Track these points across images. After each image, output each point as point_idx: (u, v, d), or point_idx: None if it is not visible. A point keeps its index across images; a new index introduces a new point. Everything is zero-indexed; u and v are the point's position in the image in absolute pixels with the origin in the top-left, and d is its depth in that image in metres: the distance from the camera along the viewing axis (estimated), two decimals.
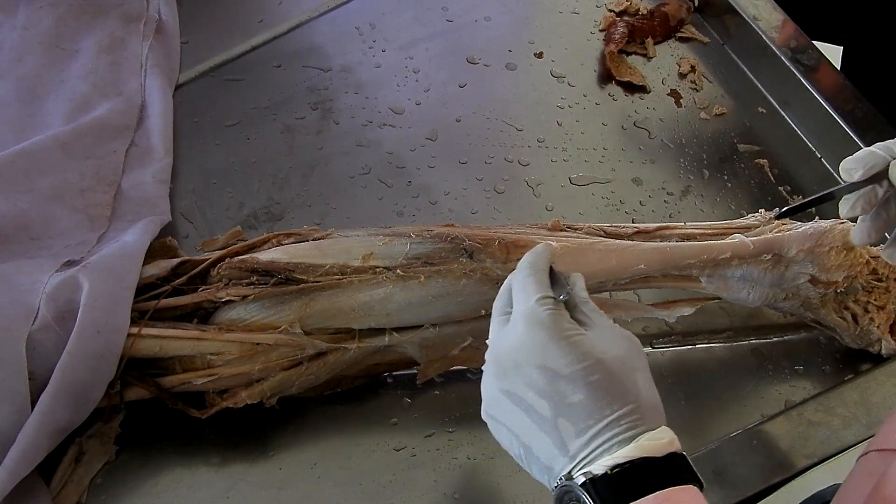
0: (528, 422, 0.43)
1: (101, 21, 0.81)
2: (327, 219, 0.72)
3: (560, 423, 0.41)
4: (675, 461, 0.40)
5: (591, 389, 0.41)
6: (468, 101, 0.83)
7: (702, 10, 0.94)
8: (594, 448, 0.40)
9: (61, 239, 0.65)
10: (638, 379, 0.43)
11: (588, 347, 0.43)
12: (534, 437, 0.42)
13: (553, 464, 0.42)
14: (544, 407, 0.42)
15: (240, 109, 0.79)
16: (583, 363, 0.42)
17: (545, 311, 0.44)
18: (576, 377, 0.41)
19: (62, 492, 0.54)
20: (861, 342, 0.68)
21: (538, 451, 0.42)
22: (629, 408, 0.41)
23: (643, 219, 0.76)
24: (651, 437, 0.40)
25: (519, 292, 0.47)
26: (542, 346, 0.43)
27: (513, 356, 0.44)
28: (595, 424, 0.40)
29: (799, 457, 0.59)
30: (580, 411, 0.41)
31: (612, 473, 0.39)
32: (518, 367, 0.43)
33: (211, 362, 0.56)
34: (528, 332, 0.44)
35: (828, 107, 0.82)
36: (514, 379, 0.43)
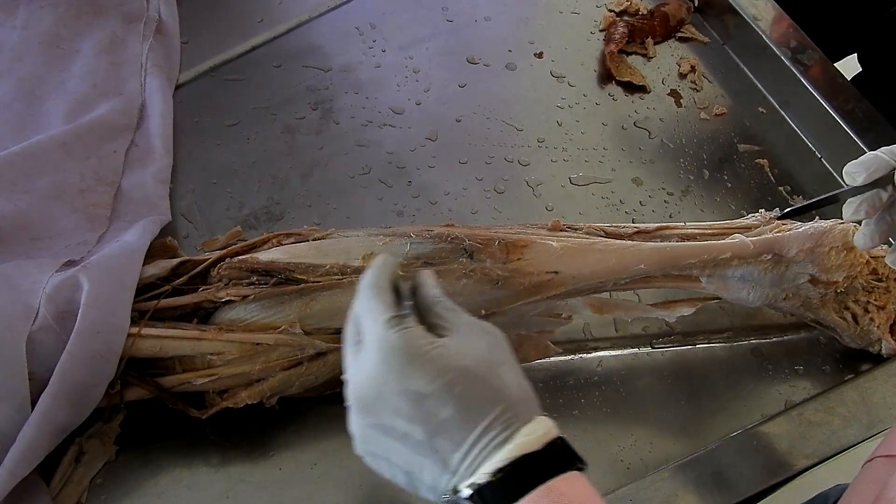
0: (404, 450, 0.41)
1: (101, 21, 0.81)
2: (327, 219, 0.72)
3: (436, 442, 0.40)
4: (554, 449, 0.40)
5: (458, 401, 0.40)
6: (468, 101, 0.83)
7: (702, 10, 0.94)
8: (474, 458, 0.40)
9: (61, 239, 0.65)
10: (504, 374, 0.42)
11: (447, 359, 0.41)
12: (414, 463, 0.41)
13: (438, 483, 0.41)
14: (417, 431, 0.40)
15: (240, 109, 0.79)
16: (445, 377, 0.40)
17: (395, 332, 0.42)
18: (441, 393, 0.40)
19: (62, 492, 0.54)
20: (861, 342, 0.68)
21: (421, 474, 0.41)
22: (500, 409, 0.40)
23: (643, 219, 0.76)
24: (526, 432, 0.40)
25: (365, 318, 0.44)
26: (399, 371, 0.41)
27: (372, 387, 0.42)
28: (469, 435, 0.40)
29: (799, 457, 0.59)
30: (453, 426, 0.40)
31: (495, 479, 0.38)
32: (381, 398, 0.41)
33: (211, 362, 0.56)
34: (383, 360, 0.42)
35: (828, 107, 0.82)
36: (379, 410, 0.42)
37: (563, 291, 0.60)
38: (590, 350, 0.67)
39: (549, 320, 0.63)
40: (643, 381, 0.66)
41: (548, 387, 0.65)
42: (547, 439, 0.40)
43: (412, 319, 0.44)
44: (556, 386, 0.65)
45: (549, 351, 0.63)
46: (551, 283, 0.59)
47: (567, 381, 0.65)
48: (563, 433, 0.41)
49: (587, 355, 0.67)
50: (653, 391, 0.66)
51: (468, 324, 0.45)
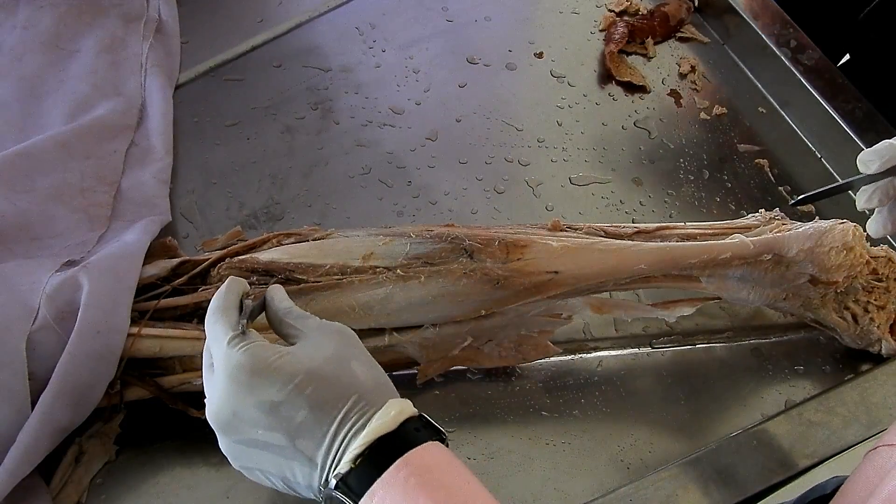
0: (272, 457, 0.43)
1: (101, 21, 0.81)
2: (327, 219, 0.72)
3: (298, 444, 0.42)
4: (408, 426, 0.42)
5: (310, 402, 0.42)
6: (468, 101, 0.83)
7: (702, 10, 0.94)
8: (336, 451, 0.41)
9: (61, 239, 0.65)
10: (354, 368, 0.44)
11: (293, 364, 0.43)
12: (285, 468, 0.43)
13: (311, 481, 0.42)
14: (279, 438, 0.42)
15: (240, 109, 0.79)
16: (293, 382, 0.42)
17: (239, 350, 0.43)
18: (292, 398, 0.42)
19: (62, 492, 0.54)
20: (861, 342, 0.68)
21: (294, 477, 0.43)
22: (352, 401, 0.42)
23: (643, 219, 0.76)
24: (379, 417, 0.41)
25: (212, 343, 0.46)
26: (247, 386, 0.42)
27: (227, 406, 0.43)
28: (327, 430, 0.41)
29: (799, 457, 0.59)
30: (310, 426, 0.42)
31: (356, 465, 0.40)
32: (236, 415, 0.43)
33: None
34: (231, 378, 0.43)
35: (828, 107, 0.82)
36: (239, 427, 0.43)
37: (563, 291, 0.60)
38: (590, 350, 0.67)
39: (549, 320, 0.62)
40: (643, 381, 0.66)
41: (548, 387, 0.65)
42: (400, 419, 0.42)
43: (255, 335, 0.45)
44: (556, 386, 0.65)
45: (549, 351, 0.63)
46: (551, 283, 0.59)
47: (567, 381, 0.65)
48: (563, 433, 0.41)
49: (587, 355, 0.67)
50: (653, 391, 0.66)
51: (317, 327, 0.47)
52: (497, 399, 0.64)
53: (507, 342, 0.62)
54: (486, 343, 0.62)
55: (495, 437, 0.62)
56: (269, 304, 0.49)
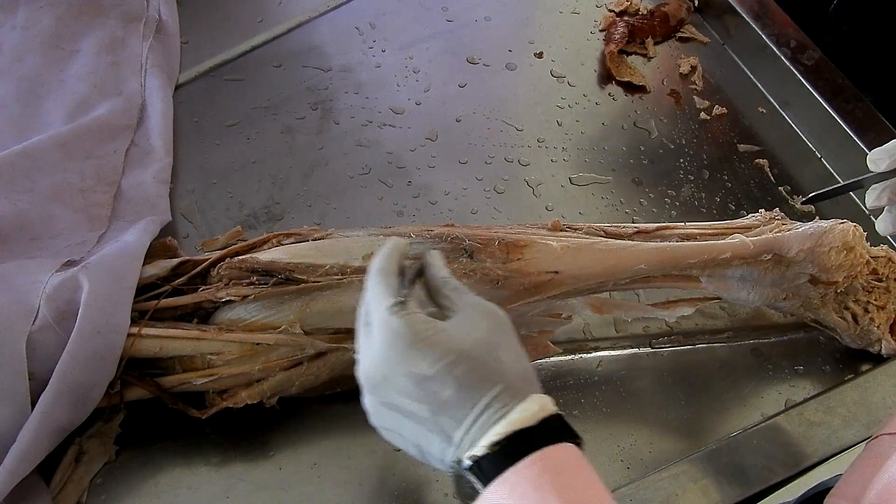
0: (412, 425, 0.44)
1: (101, 21, 0.81)
2: (327, 219, 0.72)
3: (439, 419, 0.43)
4: (549, 424, 0.42)
5: (458, 382, 0.42)
6: (468, 101, 0.83)
7: (702, 10, 0.94)
8: (474, 433, 0.42)
9: (61, 239, 0.65)
10: (502, 356, 0.44)
11: (447, 342, 0.44)
12: (422, 437, 0.44)
13: (444, 456, 0.44)
14: (422, 409, 0.43)
15: (240, 109, 0.79)
16: (444, 360, 0.43)
17: (397, 318, 0.45)
18: (441, 375, 0.43)
19: (62, 492, 0.54)
20: (861, 342, 0.68)
21: (429, 448, 0.44)
22: (497, 389, 0.43)
23: (643, 219, 0.76)
24: (521, 410, 0.42)
25: (372, 302, 0.47)
26: (402, 355, 0.44)
27: (379, 369, 0.45)
28: (469, 412, 0.42)
29: (799, 457, 0.59)
30: (454, 405, 0.43)
31: (491, 451, 0.41)
32: (386, 379, 0.44)
33: (211, 362, 0.56)
34: (387, 344, 0.44)
35: (828, 107, 0.82)
36: (387, 390, 0.44)
37: (563, 291, 0.60)
38: (590, 350, 0.67)
39: (549, 320, 0.63)
40: (643, 381, 0.66)
41: (548, 387, 0.64)
42: (542, 415, 0.42)
43: (414, 304, 0.46)
44: (556, 386, 0.65)
45: (549, 351, 0.63)
46: (551, 283, 0.59)
47: (567, 381, 0.65)
48: None
49: (587, 355, 0.67)
50: (653, 391, 0.66)
51: (472, 304, 0.47)
52: None
53: None
54: None
55: None
56: (427, 270, 0.50)
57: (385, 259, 0.49)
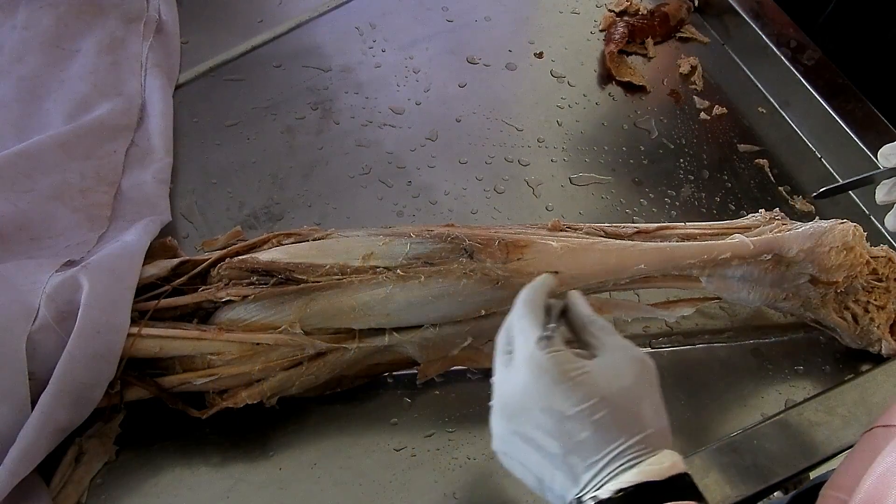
0: (539, 458, 0.45)
1: (101, 21, 0.81)
2: (327, 219, 0.72)
3: (569, 459, 0.43)
4: (676, 483, 0.42)
5: (596, 427, 0.43)
6: (468, 101, 0.83)
7: (702, 10, 0.94)
8: (602, 477, 0.42)
9: (61, 239, 0.65)
10: (644, 407, 0.44)
11: (592, 385, 0.44)
12: (546, 472, 0.44)
13: (565, 493, 0.44)
14: (554, 446, 0.44)
15: (240, 109, 0.79)
16: (587, 402, 0.43)
17: (546, 354, 0.45)
18: (581, 417, 0.43)
19: (62, 492, 0.54)
20: (861, 342, 0.68)
21: (550, 483, 0.45)
22: (635, 439, 0.43)
23: (643, 219, 0.76)
24: (652, 462, 0.42)
25: (518, 335, 0.48)
26: (546, 391, 0.44)
27: (519, 400, 0.45)
28: (603, 458, 0.43)
29: (799, 457, 0.59)
30: (588, 447, 0.43)
31: (615, 497, 0.41)
32: (525, 410, 0.45)
33: (211, 362, 0.56)
34: (532, 378, 0.45)
35: (828, 107, 0.82)
36: (522, 421, 0.45)
37: (563, 291, 0.60)
38: None
39: None
40: None
41: None
42: (671, 472, 0.42)
43: (560, 341, 0.47)
44: None
45: None
46: None
47: None
48: None
49: None
50: None
51: (620, 347, 0.47)
52: None
53: None
54: (486, 343, 0.62)
55: None
56: (571, 308, 0.50)
57: (533, 291, 0.50)
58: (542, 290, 0.50)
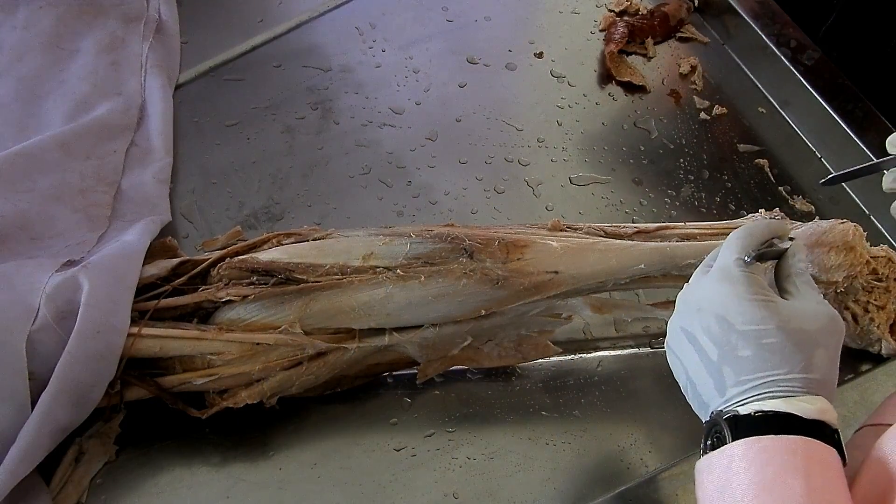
0: (697, 360, 0.46)
1: (101, 21, 0.81)
2: (327, 219, 0.72)
3: (724, 369, 0.44)
4: (822, 428, 0.42)
5: (760, 350, 0.44)
6: (468, 101, 0.83)
7: (702, 10, 0.94)
8: (748, 396, 0.43)
9: (61, 239, 0.65)
10: (818, 354, 0.44)
11: (772, 314, 0.44)
12: (699, 376, 0.46)
13: (710, 402, 0.45)
14: (713, 352, 0.45)
15: (240, 109, 0.79)
16: (760, 325, 0.44)
17: (739, 270, 0.47)
18: (749, 335, 0.44)
19: (62, 492, 0.54)
20: (861, 342, 0.67)
21: (700, 388, 0.46)
22: (795, 375, 0.43)
23: (643, 219, 0.76)
24: (805, 401, 0.43)
25: (724, 249, 0.49)
26: (724, 299, 0.46)
27: (697, 301, 0.47)
28: (755, 379, 0.43)
29: None
30: (745, 365, 0.44)
31: (754, 416, 0.42)
32: (699, 312, 0.47)
33: (211, 362, 0.56)
34: (717, 284, 0.47)
35: (828, 107, 0.82)
36: (693, 321, 0.47)
37: (563, 291, 0.60)
38: (590, 350, 0.67)
39: (549, 320, 0.63)
40: (643, 381, 0.66)
41: (548, 387, 0.65)
42: (820, 417, 0.42)
43: (758, 270, 0.48)
44: (556, 386, 0.65)
45: (549, 351, 0.63)
46: (551, 283, 0.59)
47: (567, 381, 0.65)
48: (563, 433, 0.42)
49: (587, 355, 0.67)
50: (653, 391, 0.65)
51: (816, 300, 0.48)
52: (497, 399, 0.64)
53: (506, 342, 0.62)
54: (486, 343, 0.62)
55: (495, 437, 0.62)
56: (789, 256, 0.50)
57: (758, 225, 0.50)
58: (769, 229, 0.51)
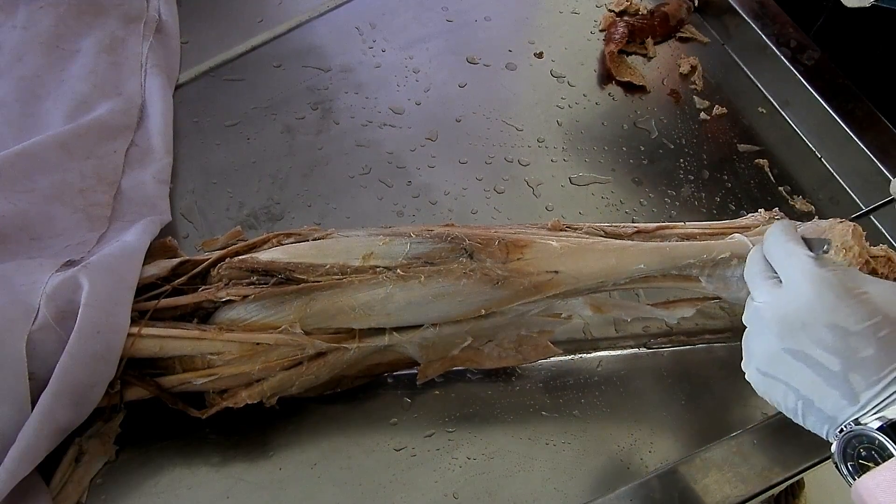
0: (812, 377, 0.44)
1: (101, 21, 0.81)
2: (327, 219, 0.72)
3: (850, 376, 0.43)
4: None
5: (881, 344, 0.43)
6: (468, 101, 0.83)
7: (702, 10, 0.94)
8: (887, 396, 0.42)
9: (61, 239, 0.65)
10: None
11: (876, 303, 0.44)
12: (818, 391, 0.44)
13: (838, 414, 0.44)
14: (834, 363, 0.43)
15: (240, 109, 0.79)
16: (872, 320, 0.43)
17: (828, 271, 0.46)
18: (867, 333, 0.43)
19: (62, 492, 0.54)
20: None
21: (822, 403, 0.44)
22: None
23: (643, 219, 0.76)
24: None
25: (786, 257, 0.48)
26: (831, 306, 0.44)
27: (800, 316, 0.45)
28: (887, 376, 0.42)
29: (799, 457, 0.59)
30: (871, 365, 0.43)
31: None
32: (806, 327, 0.45)
33: (211, 362, 0.56)
34: (815, 293, 0.45)
35: (828, 107, 0.82)
36: (801, 337, 0.45)
37: (563, 291, 0.60)
38: (590, 350, 0.68)
39: (549, 320, 0.63)
40: (643, 381, 0.66)
41: (548, 387, 0.65)
42: None
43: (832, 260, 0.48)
44: (556, 386, 0.65)
45: (549, 351, 0.63)
46: (551, 282, 0.59)
47: (567, 381, 0.65)
48: (563, 433, 0.41)
49: (587, 355, 0.67)
50: (653, 391, 0.66)
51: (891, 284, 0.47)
52: (497, 399, 0.64)
53: (507, 342, 0.62)
54: (486, 343, 0.62)
55: (495, 437, 0.62)
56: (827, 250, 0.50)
57: (786, 226, 0.51)
58: (791, 228, 0.51)
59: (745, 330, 0.51)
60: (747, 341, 0.49)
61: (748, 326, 0.50)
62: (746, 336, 0.49)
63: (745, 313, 0.51)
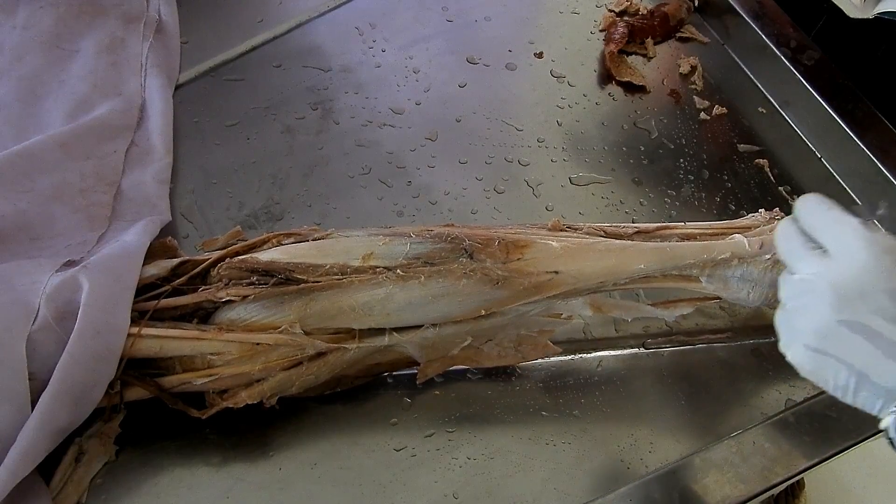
0: (870, 348, 0.42)
1: (101, 21, 0.81)
2: (327, 219, 0.72)
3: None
4: None
5: None
6: (468, 101, 0.83)
7: (702, 10, 0.94)
8: None
9: (61, 239, 0.65)
10: None
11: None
12: (876, 364, 0.42)
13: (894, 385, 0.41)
14: (894, 332, 0.41)
15: (240, 109, 0.79)
16: None
17: (884, 235, 0.43)
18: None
19: (62, 492, 0.54)
20: None
21: (879, 376, 0.42)
22: None
23: (643, 219, 0.76)
24: None
25: (832, 225, 0.45)
26: (890, 271, 0.42)
27: (857, 285, 0.42)
28: None
29: (799, 457, 0.59)
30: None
31: None
32: (864, 295, 0.42)
33: (211, 362, 0.56)
34: (872, 259, 0.42)
35: (828, 107, 0.82)
36: (858, 308, 0.42)
37: (563, 291, 0.60)
38: (590, 350, 0.68)
39: (549, 320, 0.63)
40: (643, 381, 0.66)
41: (548, 387, 0.65)
42: None
43: None
44: (556, 386, 0.65)
45: (549, 350, 0.63)
46: (551, 283, 0.59)
47: (567, 381, 0.65)
48: (563, 433, 0.40)
49: (587, 355, 0.67)
50: (653, 391, 0.66)
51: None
52: (497, 399, 0.64)
53: (506, 342, 0.62)
54: (485, 343, 0.62)
55: (495, 437, 0.62)
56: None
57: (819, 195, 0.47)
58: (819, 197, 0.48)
59: (778, 309, 0.48)
60: (790, 320, 0.46)
61: (789, 303, 0.46)
62: (788, 314, 0.46)
63: (784, 291, 0.47)
